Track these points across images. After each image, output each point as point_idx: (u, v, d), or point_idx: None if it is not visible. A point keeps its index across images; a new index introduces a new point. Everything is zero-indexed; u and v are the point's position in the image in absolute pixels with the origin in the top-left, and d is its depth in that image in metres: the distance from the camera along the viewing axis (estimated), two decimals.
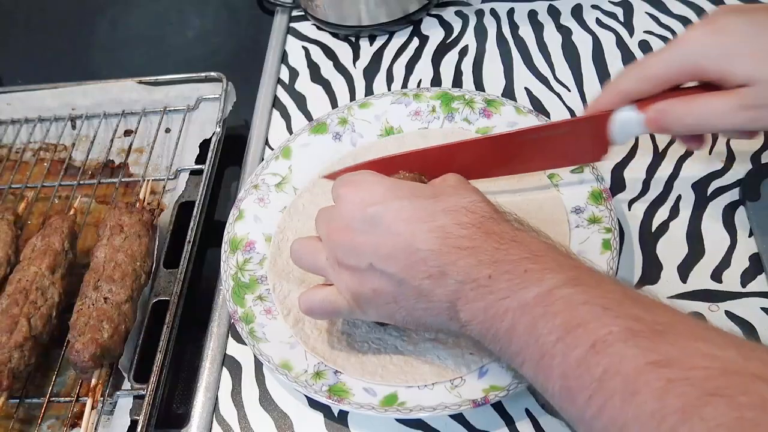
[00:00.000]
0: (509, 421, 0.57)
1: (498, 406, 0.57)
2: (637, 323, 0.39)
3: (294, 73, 0.87)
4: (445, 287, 0.46)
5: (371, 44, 0.88)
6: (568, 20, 0.86)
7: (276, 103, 0.85)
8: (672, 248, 0.64)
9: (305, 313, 0.56)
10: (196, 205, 0.71)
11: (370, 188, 0.50)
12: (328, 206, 0.54)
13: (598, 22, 0.85)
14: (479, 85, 0.81)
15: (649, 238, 0.65)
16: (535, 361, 0.42)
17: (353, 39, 0.90)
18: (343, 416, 0.59)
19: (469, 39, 0.86)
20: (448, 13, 0.90)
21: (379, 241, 0.48)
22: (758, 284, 0.61)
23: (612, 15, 0.85)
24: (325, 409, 0.59)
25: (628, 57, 0.80)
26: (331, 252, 0.51)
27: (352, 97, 0.83)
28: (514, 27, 0.86)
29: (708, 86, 0.52)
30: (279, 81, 0.87)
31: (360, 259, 0.49)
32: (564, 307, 0.41)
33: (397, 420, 0.57)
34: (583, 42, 0.83)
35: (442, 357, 0.57)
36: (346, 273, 0.51)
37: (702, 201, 0.67)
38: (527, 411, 0.57)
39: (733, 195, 0.67)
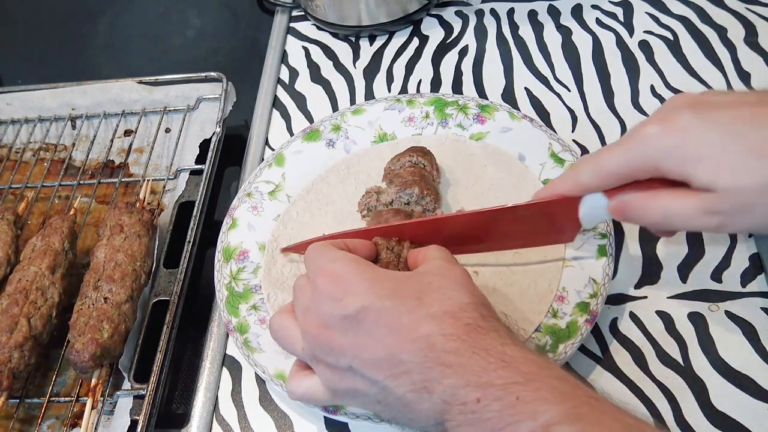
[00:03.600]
0: None
1: None
2: None
3: (294, 73, 0.87)
4: (431, 403, 0.43)
5: (371, 44, 0.88)
6: (568, 20, 0.86)
7: (276, 103, 0.85)
8: (672, 248, 0.64)
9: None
10: (196, 205, 0.71)
11: (349, 283, 0.46)
12: (304, 280, 0.49)
13: (598, 22, 0.85)
14: (479, 85, 0.81)
15: (649, 238, 0.65)
16: None
17: (353, 39, 0.90)
18: None
19: (469, 39, 0.86)
20: (448, 13, 0.90)
21: (360, 344, 0.44)
22: (758, 284, 0.61)
23: (612, 15, 0.85)
24: None
25: (628, 57, 0.80)
26: (308, 347, 0.48)
27: (352, 97, 0.83)
28: (514, 27, 0.86)
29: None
30: (279, 81, 0.87)
31: (339, 359, 0.46)
32: None
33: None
34: (583, 42, 0.83)
35: None
36: (325, 369, 0.47)
37: None
38: None
39: None
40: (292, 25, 0.93)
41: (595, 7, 0.86)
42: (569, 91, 0.78)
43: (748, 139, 0.43)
